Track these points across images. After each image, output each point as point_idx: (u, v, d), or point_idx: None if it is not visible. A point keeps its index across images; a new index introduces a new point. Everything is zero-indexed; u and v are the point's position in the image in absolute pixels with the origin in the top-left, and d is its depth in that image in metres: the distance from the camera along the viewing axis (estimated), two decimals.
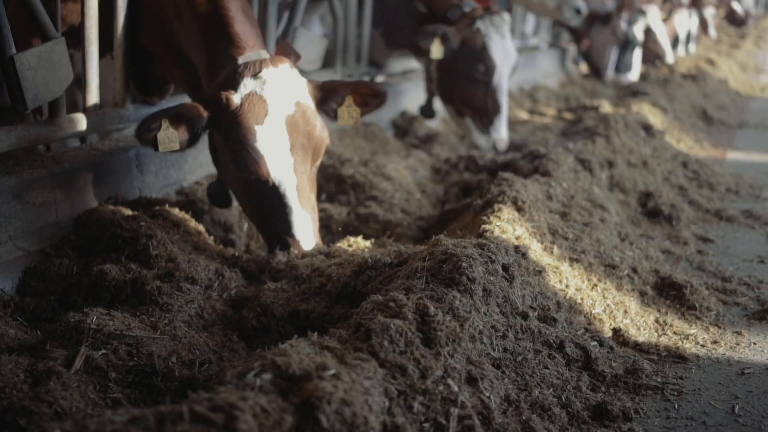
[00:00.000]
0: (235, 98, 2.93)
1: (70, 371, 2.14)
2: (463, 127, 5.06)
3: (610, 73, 9.29)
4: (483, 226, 2.91)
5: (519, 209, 3.14)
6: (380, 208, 3.78)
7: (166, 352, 2.30)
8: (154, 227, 2.96)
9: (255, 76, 2.96)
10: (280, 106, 2.98)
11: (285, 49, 3.13)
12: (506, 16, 5.00)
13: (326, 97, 3.22)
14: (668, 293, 3.22)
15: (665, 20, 11.88)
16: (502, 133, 5.03)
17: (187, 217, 3.23)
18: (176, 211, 3.23)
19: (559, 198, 3.69)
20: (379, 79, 5.93)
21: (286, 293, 2.72)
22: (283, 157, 2.97)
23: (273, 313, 2.63)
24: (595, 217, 3.70)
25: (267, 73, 2.97)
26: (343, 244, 3.11)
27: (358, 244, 3.12)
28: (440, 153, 4.88)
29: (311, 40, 4.64)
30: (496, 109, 5.04)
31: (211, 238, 3.23)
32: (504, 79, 5.02)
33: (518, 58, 5.12)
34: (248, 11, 3.22)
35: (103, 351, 2.24)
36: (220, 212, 3.54)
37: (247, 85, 2.95)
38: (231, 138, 2.95)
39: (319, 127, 3.06)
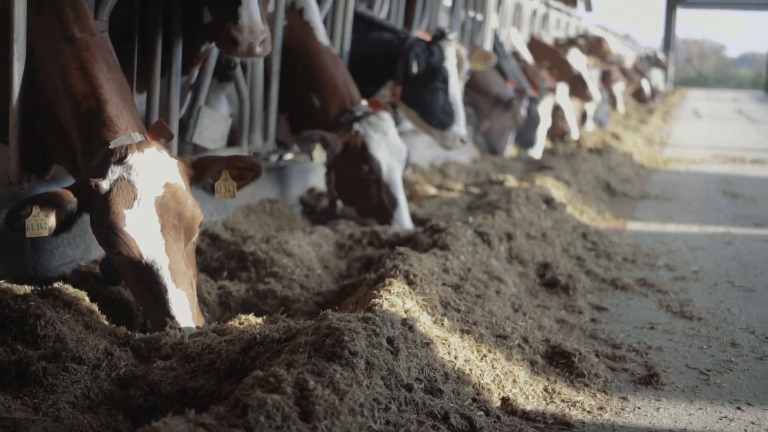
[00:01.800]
0: (104, 184, 3.01)
1: None
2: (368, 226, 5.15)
3: (506, 152, 9.63)
4: (373, 300, 2.97)
5: (410, 283, 3.22)
6: (279, 284, 3.82)
7: None
8: (43, 307, 2.93)
9: (122, 161, 3.04)
10: (149, 189, 3.05)
11: (159, 128, 3.20)
12: (385, 114, 5.16)
13: (201, 174, 3.31)
14: (558, 362, 3.31)
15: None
16: (405, 224, 5.13)
17: (81, 295, 3.21)
18: (70, 290, 3.21)
19: (456, 271, 3.78)
20: (288, 156, 6.02)
21: (175, 371, 2.72)
22: (155, 238, 3.04)
23: (160, 392, 2.62)
24: (491, 288, 3.80)
25: (134, 158, 3.06)
26: (234, 322, 3.12)
27: (249, 321, 3.14)
28: (345, 229, 4.95)
29: (215, 119, 4.72)
30: (393, 204, 5.16)
31: (105, 316, 3.21)
32: (395, 173, 5.16)
33: (408, 152, 5.27)
34: (124, 92, 3.31)
35: None
36: (118, 291, 3.52)
37: (115, 171, 3.03)
38: (102, 223, 3.00)
39: (191, 205, 3.13)
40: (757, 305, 4.47)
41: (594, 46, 14.47)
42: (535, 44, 12.26)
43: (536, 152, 9.99)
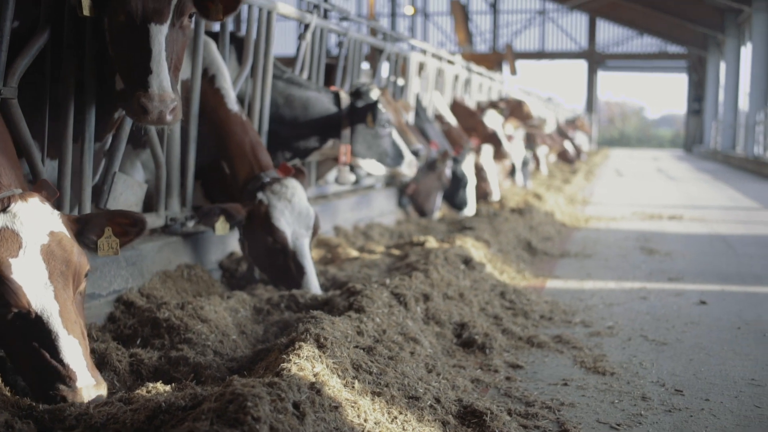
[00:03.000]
0: None
1: None
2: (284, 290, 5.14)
3: (436, 213, 9.76)
4: (282, 364, 2.97)
5: (321, 346, 3.22)
6: (192, 350, 3.78)
7: None
8: None
9: (4, 211, 3.02)
10: (34, 238, 3.03)
11: (42, 185, 3.20)
12: (290, 181, 5.19)
13: (83, 230, 3.29)
14: (470, 421, 3.33)
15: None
16: (313, 292, 5.11)
17: None
18: None
19: (371, 333, 3.80)
20: None
21: None
22: (43, 286, 3.00)
23: None
24: (405, 350, 3.82)
25: (16, 207, 3.04)
26: (142, 391, 3.08)
27: (157, 388, 3.09)
28: (263, 293, 4.94)
29: (130, 185, 4.70)
30: (300, 273, 5.13)
31: (9, 388, 3.14)
32: (302, 240, 5.16)
33: (316, 217, 5.29)
34: (8, 151, 3.31)
35: None
36: None
37: None
38: None
39: (77, 253, 3.12)
40: (668, 358, 4.58)
41: (515, 109, 14.85)
42: (456, 106, 12.53)
43: (469, 211, 10.15)
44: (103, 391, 2.98)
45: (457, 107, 12.45)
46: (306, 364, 3.00)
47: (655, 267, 7.57)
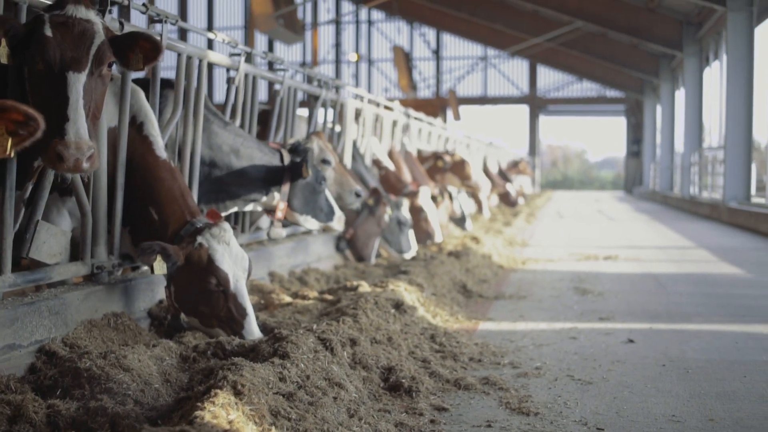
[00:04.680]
0: None
1: None
2: (215, 337, 5.10)
3: (373, 259, 9.78)
4: (195, 412, 2.96)
5: (237, 393, 3.22)
6: (112, 400, 3.73)
7: None
8: None
9: None
10: None
11: None
12: (226, 225, 5.23)
13: None
14: None
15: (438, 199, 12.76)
16: (255, 334, 5.12)
17: None
18: None
19: (294, 379, 3.80)
20: (145, 268, 5.94)
21: None
22: None
23: None
24: (329, 395, 3.82)
25: None
26: None
27: None
28: (191, 341, 4.91)
29: (54, 233, 4.66)
30: (242, 314, 5.14)
31: None
32: (241, 282, 5.18)
33: (249, 260, 5.32)
34: None
35: None
36: None
37: None
38: None
39: None
40: (592, 397, 4.65)
41: (457, 166, 15.11)
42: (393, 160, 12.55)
43: (411, 254, 10.20)
44: None
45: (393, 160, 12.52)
46: (221, 411, 2.99)
47: (587, 307, 7.68)
